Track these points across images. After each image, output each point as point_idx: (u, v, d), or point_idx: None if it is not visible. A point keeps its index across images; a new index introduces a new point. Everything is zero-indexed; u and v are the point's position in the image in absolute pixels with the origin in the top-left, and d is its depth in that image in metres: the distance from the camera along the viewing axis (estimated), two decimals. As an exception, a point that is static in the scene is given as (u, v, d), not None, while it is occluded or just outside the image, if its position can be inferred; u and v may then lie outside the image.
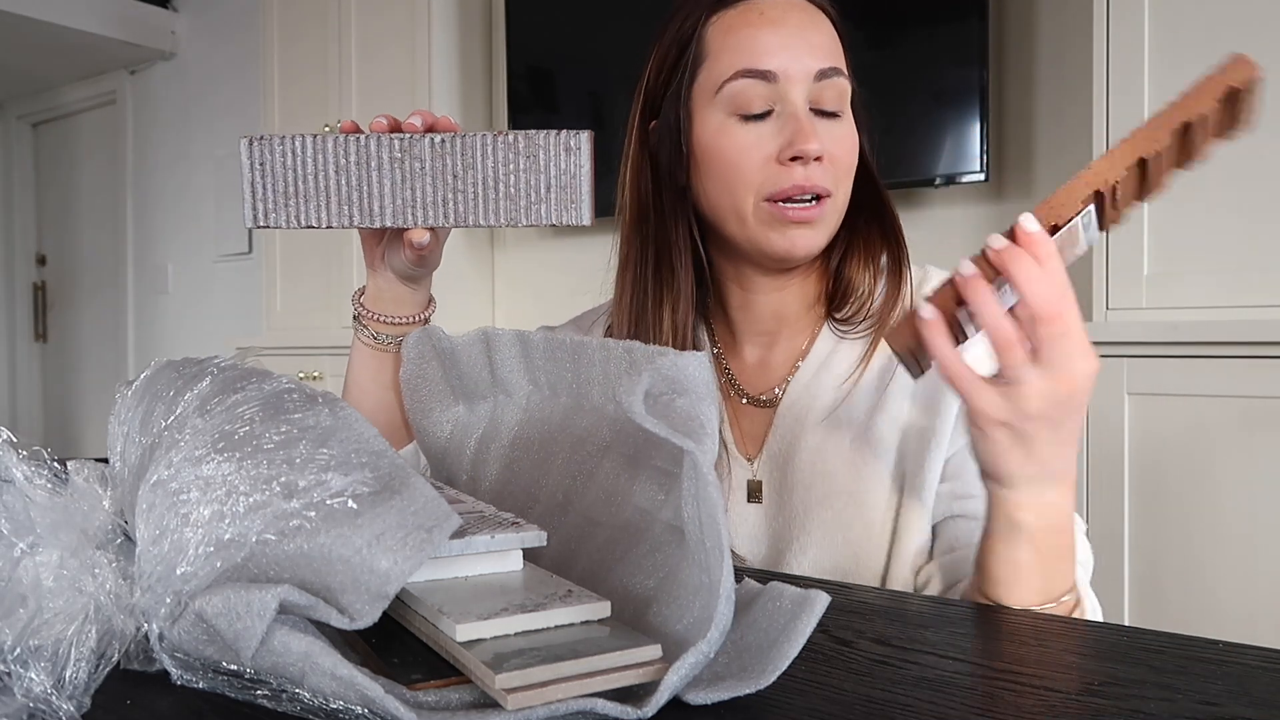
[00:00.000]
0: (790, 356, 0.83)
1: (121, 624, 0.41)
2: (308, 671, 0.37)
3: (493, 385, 0.63)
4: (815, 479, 0.77)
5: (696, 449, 0.41)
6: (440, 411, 0.67)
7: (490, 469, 0.62)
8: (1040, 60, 2.06)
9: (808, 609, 0.43)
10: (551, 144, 0.66)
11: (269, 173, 0.68)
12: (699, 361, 0.44)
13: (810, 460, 0.78)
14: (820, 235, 0.77)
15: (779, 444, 0.80)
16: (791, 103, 0.75)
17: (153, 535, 0.41)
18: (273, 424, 0.43)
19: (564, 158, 0.66)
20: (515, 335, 0.59)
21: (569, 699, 0.37)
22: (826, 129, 0.76)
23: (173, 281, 3.93)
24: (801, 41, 0.75)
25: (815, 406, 0.79)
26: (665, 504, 0.50)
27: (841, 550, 0.76)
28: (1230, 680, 0.44)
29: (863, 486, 0.76)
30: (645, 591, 0.48)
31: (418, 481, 0.41)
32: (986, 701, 0.41)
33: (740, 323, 0.85)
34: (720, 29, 0.77)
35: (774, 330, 0.84)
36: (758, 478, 0.81)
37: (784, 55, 0.74)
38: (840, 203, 0.78)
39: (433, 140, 0.67)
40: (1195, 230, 1.54)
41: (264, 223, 0.68)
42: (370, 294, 0.79)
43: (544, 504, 0.57)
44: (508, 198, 0.66)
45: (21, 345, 4.72)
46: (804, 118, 0.74)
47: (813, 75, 0.75)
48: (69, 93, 4.35)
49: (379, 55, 2.71)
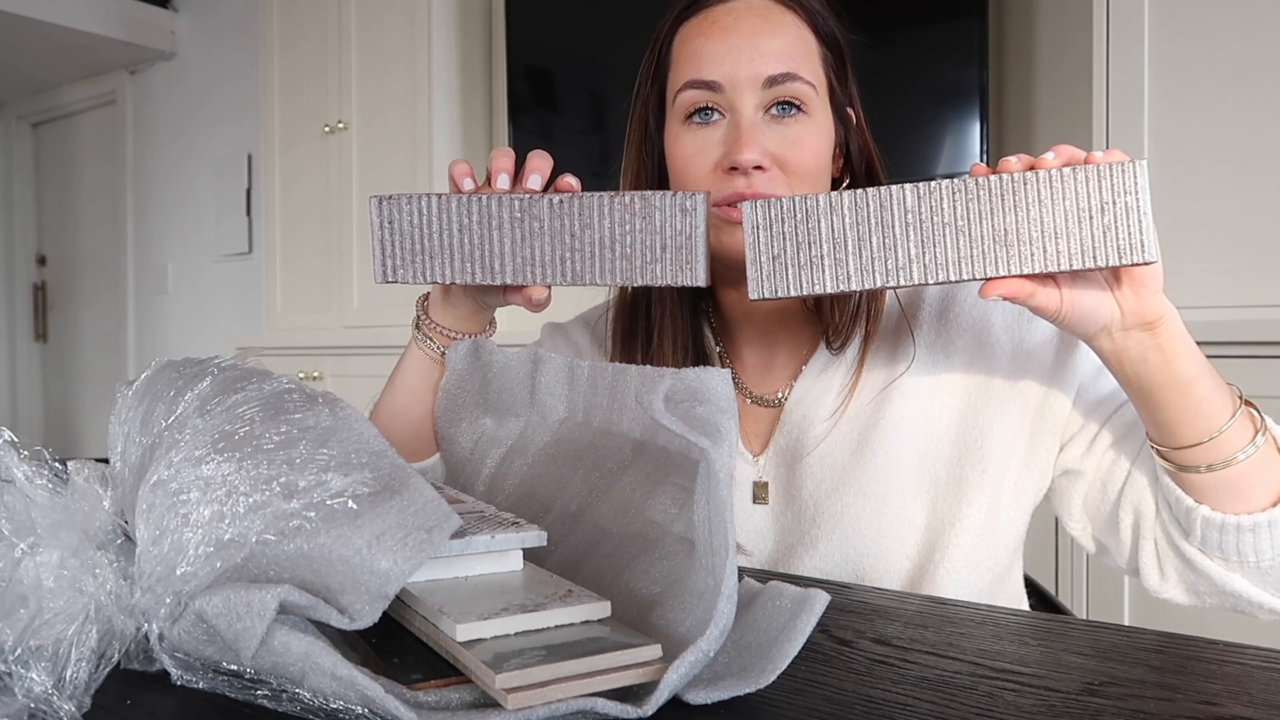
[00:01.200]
0: (794, 359, 0.84)
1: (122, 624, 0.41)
2: (308, 671, 0.37)
3: (530, 405, 0.64)
4: (825, 475, 0.77)
5: (711, 447, 0.41)
6: (469, 422, 0.68)
7: (509, 482, 0.63)
8: (1040, 60, 2.06)
9: (807, 609, 0.43)
10: (668, 205, 0.66)
11: (397, 230, 0.69)
12: (721, 377, 0.44)
13: (820, 457, 0.78)
14: None
15: (786, 441, 0.80)
16: (737, 111, 0.75)
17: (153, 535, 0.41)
18: (273, 424, 0.43)
19: (679, 218, 0.66)
20: (565, 363, 0.61)
21: (569, 699, 0.37)
22: (779, 133, 0.75)
23: (173, 281, 3.93)
24: (750, 49, 0.75)
25: (823, 404, 0.79)
26: (678, 518, 0.50)
27: (853, 545, 0.76)
28: (1230, 680, 0.44)
29: (878, 482, 0.76)
30: (650, 596, 0.48)
31: (418, 482, 0.41)
32: (986, 701, 0.41)
33: (739, 324, 0.86)
34: (680, 39, 0.79)
35: (773, 332, 0.84)
36: (763, 478, 0.81)
37: (728, 64, 0.75)
38: None
39: (551, 201, 0.67)
40: (1195, 230, 1.54)
41: (392, 279, 0.69)
42: (438, 307, 0.78)
43: (556, 514, 0.58)
44: (623, 257, 0.66)
45: (21, 345, 4.72)
46: (745, 126, 0.74)
47: (761, 82, 0.75)
48: (69, 93, 4.35)
49: (379, 55, 2.71)
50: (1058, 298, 0.62)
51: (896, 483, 0.76)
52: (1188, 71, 1.56)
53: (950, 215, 0.60)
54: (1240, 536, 0.65)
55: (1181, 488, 0.67)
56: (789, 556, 0.78)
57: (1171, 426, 0.65)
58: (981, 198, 0.59)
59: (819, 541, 0.77)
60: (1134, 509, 0.72)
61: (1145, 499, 0.71)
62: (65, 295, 4.53)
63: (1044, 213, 0.59)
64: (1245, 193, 1.50)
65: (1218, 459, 0.64)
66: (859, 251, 0.61)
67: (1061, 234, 0.59)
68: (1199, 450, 0.64)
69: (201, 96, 3.76)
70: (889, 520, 0.76)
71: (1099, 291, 0.62)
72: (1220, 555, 0.67)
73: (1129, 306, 0.62)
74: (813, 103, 0.77)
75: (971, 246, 0.60)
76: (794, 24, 0.78)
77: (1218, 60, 1.53)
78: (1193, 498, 0.66)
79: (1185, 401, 0.64)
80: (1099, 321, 0.63)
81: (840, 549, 0.76)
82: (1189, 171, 1.55)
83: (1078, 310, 0.62)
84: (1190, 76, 1.56)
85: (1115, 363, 0.65)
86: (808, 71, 0.76)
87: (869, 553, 0.76)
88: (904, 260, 0.60)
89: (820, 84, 0.78)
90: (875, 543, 0.76)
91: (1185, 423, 0.64)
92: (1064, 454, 0.76)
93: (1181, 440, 0.65)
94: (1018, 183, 0.59)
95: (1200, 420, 0.64)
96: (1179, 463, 0.66)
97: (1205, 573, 0.67)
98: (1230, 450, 0.64)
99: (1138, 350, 0.63)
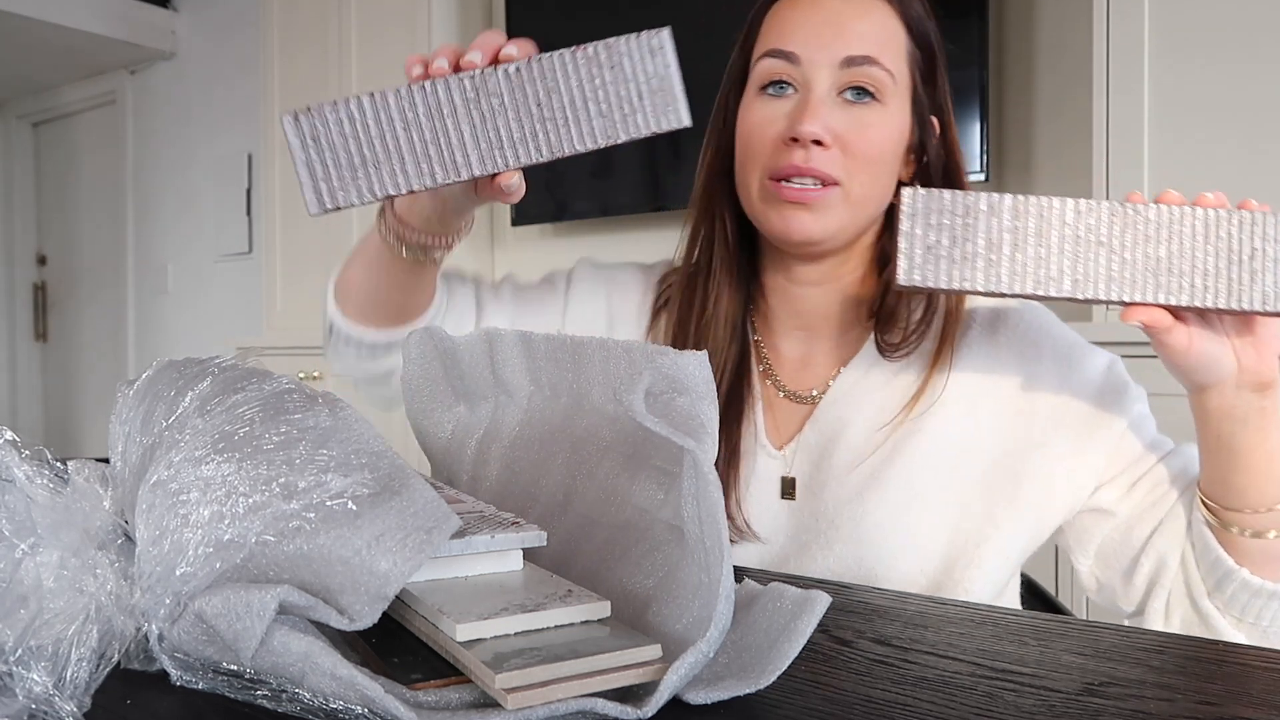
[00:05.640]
0: (833, 359, 0.82)
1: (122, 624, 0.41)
2: (307, 671, 0.37)
3: (494, 385, 0.62)
4: (851, 477, 0.76)
5: (697, 448, 0.41)
6: (442, 412, 0.67)
7: (491, 469, 0.62)
8: (1040, 60, 2.06)
9: (808, 609, 0.43)
10: (634, 49, 0.61)
11: (325, 146, 0.59)
12: (699, 361, 0.44)
13: (849, 459, 0.76)
14: (821, 222, 0.74)
15: (816, 439, 0.78)
16: (809, 87, 0.74)
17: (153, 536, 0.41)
18: (273, 425, 0.43)
19: (649, 60, 0.61)
20: (518, 335, 0.58)
21: (569, 699, 0.37)
22: (848, 115, 0.73)
23: (173, 281, 3.93)
24: (833, 27, 0.74)
25: (863, 405, 0.78)
26: (665, 503, 0.50)
27: (869, 551, 0.74)
28: (1230, 680, 0.44)
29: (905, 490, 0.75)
30: (644, 591, 0.48)
31: (417, 483, 0.41)
32: (986, 701, 0.41)
33: (779, 312, 0.83)
34: (772, 11, 0.79)
35: (813, 327, 0.82)
36: (792, 473, 0.79)
37: (810, 38, 0.74)
38: (856, 194, 0.75)
39: (506, 71, 0.61)
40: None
41: (331, 204, 0.59)
42: (403, 202, 0.72)
43: (544, 504, 0.57)
44: (600, 115, 0.61)
45: (21, 345, 4.72)
46: (813, 100, 0.73)
47: (839, 61, 0.73)
48: (69, 93, 4.35)
49: (380, 55, 2.71)
50: (1187, 338, 0.61)
51: (921, 496, 0.75)
52: (1188, 72, 1.56)
53: (1107, 236, 0.60)
54: (1269, 604, 0.65)
55: (1224, 547, 0.66)
56: (802, 553, 0.77)
57: (1243, 490, 0.64)
58: (1139, 225, 0.60)
59: (835, 543, 0.75)
60: (1158, 558, 0.71)
61: (1172, 550, 0.70)
62: (65, 295, 4.53)
63: (1197, 249, 0.60)
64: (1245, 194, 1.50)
65: (1275, 526, 0.64)
66: (1012, 256, 0.61)
67: (1210, 272, 0.60)
68: (1258, 516, 0.64)
69: (201, 96, 3.76)
70: (909, 532, 0.75)
71: (1222, 342, 0.62)
72: (1237, 615, 0.67)
73: (1247, 362, 0.62)
74: (888, 92, 0.75)
75: (1123, 269, 0.60)
76: (886, 13, 0.76)
77: (1218, 62, 1.53)
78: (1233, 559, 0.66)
79: (1268, 468, 0.63)
80: (1217, 374, 0.62)
81: (854, 553, 0.75)
82: (1189, 173, 1.55)
83: (1202, 356, 0.62)
84: (1191, 77, 1.56)
85: (1216, 419, 0.64)
86: (889, 60, 0.74)
87: (882, 561, 0.75)
88: (1055, 272, 0.61)
89: (901, 77, 0.76)
90: (892, 553, 0.75)
91: (1257, 488, 0.64)
92: (1098, 494, 0.75)
93: (1243, 503, 0.64)
94: (1175, 216, 0.60)
95: (1271, 487, 0.64)
96: (1230, 522, 0.65)
97: (1214, 627, 0.67)
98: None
99: (1243, 410, 0.63)
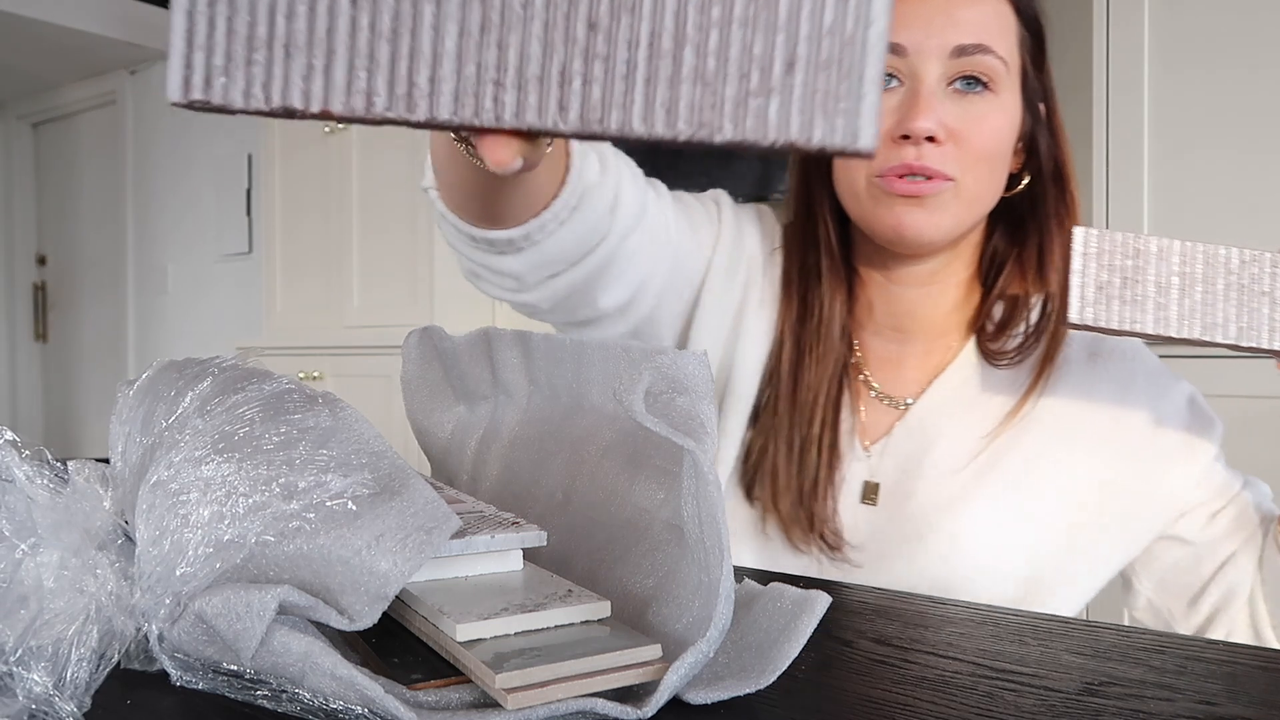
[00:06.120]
0: (929, 365, 0.79)
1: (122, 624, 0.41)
2: (308, 672, 0.37)
3: (494, 385, 0.62)
4: (941, 490, 0.74)
5: (697, 448, 0.41)
6: (442, 412, 0.67)
7: (490, 469, 0.62)
8: (1040, 60, 2.06)
9: (808, 609, 0.43)
10: None
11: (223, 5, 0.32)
12: (698, 360, 0.44)
13: (940, 471, 0.75)
14: (934, 219, 0.72)
15: (907, 446, 0.77)
16: (918, 78, 0.70)
17: (153, 536, 0.41)
18: (273, 425, 0.43)
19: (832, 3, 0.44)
20: (516, 335, 0.58)
21: (569, 699, 0.37)
22: (960, 107, 0.71)
23: (173, 281, 3.93)
24: (943, 16, 0.70)
25: (958, 416, 0.76)
26: (665, 503, 0.50)
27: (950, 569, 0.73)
28: (1230, 680, 0.44)
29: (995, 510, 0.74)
30: (644, 591, 0.48)
31: (417, 483, 0.41)
32: (986, 701, 0.41)
33: (876, 310, 0.81)
34: None
35: (907, 329, 0.80)
36: (875, 478, 0.77)
37: (918, 29, 0.70)
38: (970, 191, 0.72)
39: None
40: (1195, 230, 1.54)
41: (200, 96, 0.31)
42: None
43: (543, 504, 0.57)
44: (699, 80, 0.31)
45: (21, 345, 4.72)
46: (924, 94, 0.70)
47: (949, 51, 0.70)
48: (69, 93, 4.34)
49: (379, 55, 2.71)
50: None
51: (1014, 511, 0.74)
52: (1188, 72, 1.56)
53: (1269, 285, 0.61)
54: None
55: None
56: (877, 562, 0.75)
57: None
58: None
59: (917, 557, 0.74)
60: (1227, 589, 0.71)
61: (1242, 583, 0.71)
62: (65, 295, 4.53)
63: None
64: (1245, 194, 1.50)
65: None
66: (1180, 300, 0.62)
67: None
68: None
69: (201, 96, 3.76)
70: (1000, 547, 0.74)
71: None
72: None
73: None
74: (1002, 81, 0.72)
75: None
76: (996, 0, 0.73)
77: (1218, 69, 1.53)
78: None
79: None
80: None
81: (931, 569, 0.74)
82: (1189, 181, 1.55)
83: None
84: (1191, 77, 1.56)
85: None
86: (1001, 47, 0.71)
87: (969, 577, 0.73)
88: (1221, 318, 0.62)
89: (1013, 63, 0.73)
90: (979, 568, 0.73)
91: None
92: (1180, 522, 0.74)
93: None
94: None
95: None
96: None
97: None
98: None
99: None
